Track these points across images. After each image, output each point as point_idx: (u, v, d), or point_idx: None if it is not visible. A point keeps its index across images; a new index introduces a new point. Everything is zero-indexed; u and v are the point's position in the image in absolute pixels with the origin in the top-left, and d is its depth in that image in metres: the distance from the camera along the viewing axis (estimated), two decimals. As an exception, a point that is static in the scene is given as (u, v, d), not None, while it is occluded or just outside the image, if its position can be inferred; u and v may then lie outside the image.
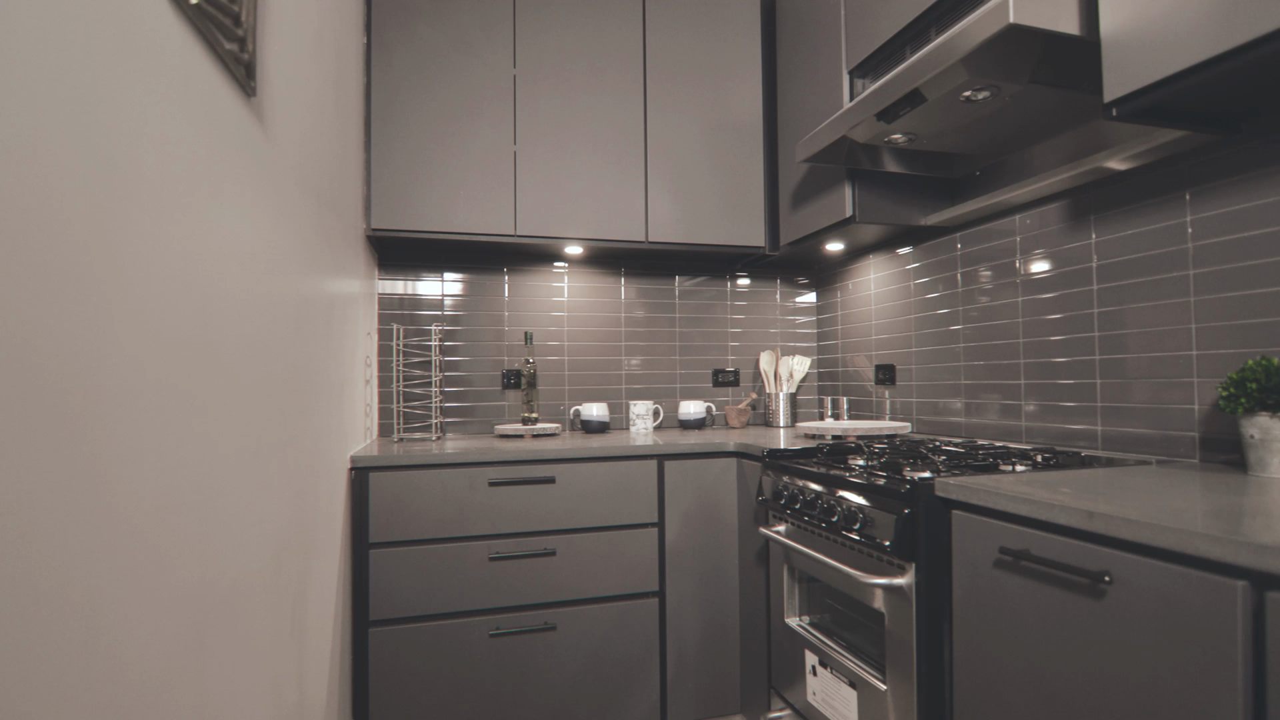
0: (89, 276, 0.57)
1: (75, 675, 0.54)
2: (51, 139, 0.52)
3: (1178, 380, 1.41)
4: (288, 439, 1.18)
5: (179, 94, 0.75)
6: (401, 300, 2.39)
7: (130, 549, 0.63)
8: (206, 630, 0.81)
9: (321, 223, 1.47)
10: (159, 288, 0.70)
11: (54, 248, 0.52)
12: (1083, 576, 0.91)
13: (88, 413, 0.56)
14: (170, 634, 0.71)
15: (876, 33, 1.87)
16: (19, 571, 0.47)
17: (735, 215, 2.41)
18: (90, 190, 0.57)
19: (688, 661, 2.00)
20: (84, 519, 0.56)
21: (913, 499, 1.23)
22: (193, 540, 0.77)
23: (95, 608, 0.57)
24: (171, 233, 0.73)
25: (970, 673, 1.13)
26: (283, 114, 1.17)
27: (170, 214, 0.73)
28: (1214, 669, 0.77)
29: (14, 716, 0.46)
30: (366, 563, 1.75)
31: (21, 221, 0.48)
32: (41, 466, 0.50)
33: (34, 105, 0.50)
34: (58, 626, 0.52)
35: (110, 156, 0.61)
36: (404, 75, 2.10)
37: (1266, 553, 0.71)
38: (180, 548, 0.74)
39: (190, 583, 0.76)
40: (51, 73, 0.52)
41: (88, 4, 0.57)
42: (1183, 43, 1.04)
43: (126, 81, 0.64)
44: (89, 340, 0.57)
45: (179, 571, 0.74)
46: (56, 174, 0.53)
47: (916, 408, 2.22)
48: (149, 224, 0.68)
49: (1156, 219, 1.45)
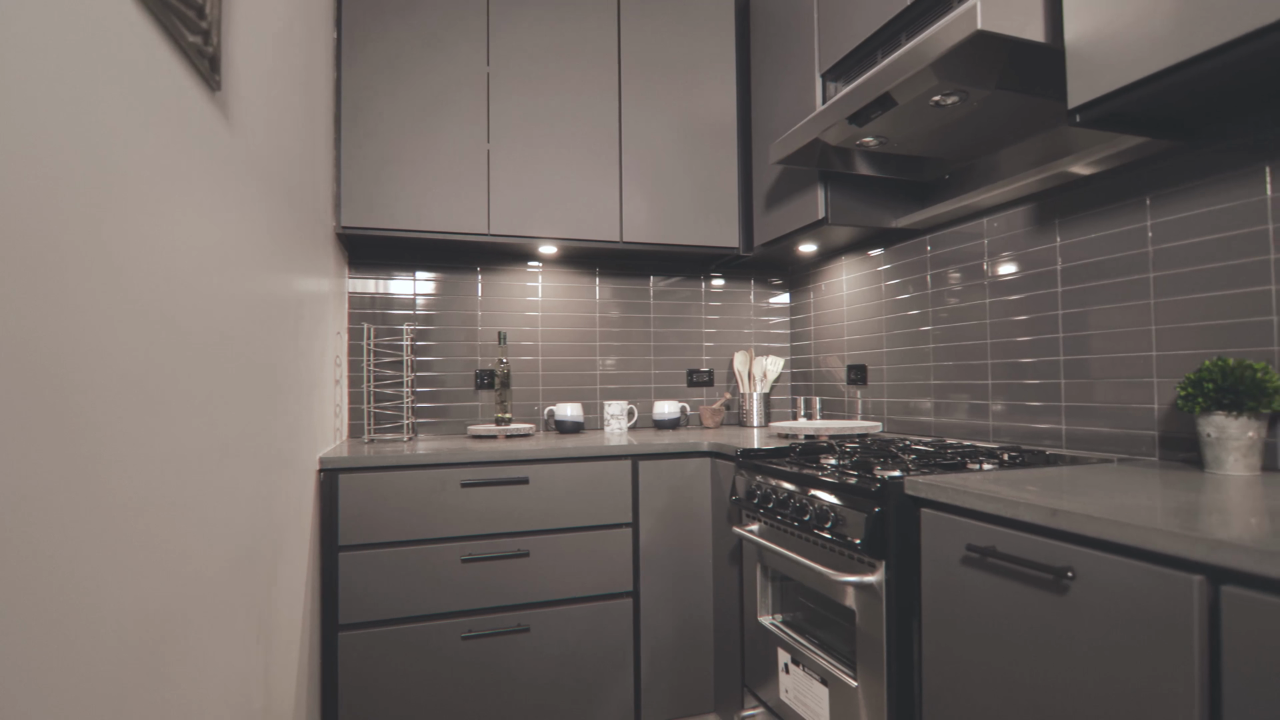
0: (39, 274, 0.55)
1: (26, 689, 0.52)
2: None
3: (1138, 380, 1.44)
4: (254, 440, 1.16)
5: (139, 88, 0.73)
6: (373, 299, 2.35)
7: (86, 553, 0.61)
8: (168, 635, 0.79)
9: (289, 220, 1.44)
10: (116, 285, 0.68)
11: (2, 244, 0.50)
12: (1046, 573, 0.93)
13: (41, 414, 0.55)
14: (128, 640, 0.69)
15: (849, 36, 1.89)
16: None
17: (710, 216, 2.42)
18: (43, 186, 0.56)
19: (662, 661, 2.01)
20: (42, 520, 0.54)
21: (883, 498, 1.24)
22: (153, 543, 0.75)
23: (50, 615, 0.55)
24: (132, 230, 0.71)
25: (939, 668, 1.15)
26: (249, 109, 1.14)
27: (130, 210, 0.71)
28: (1172, 661, 0.79)
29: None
30: (336, 565, 1.73)
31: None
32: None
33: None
34: (6, 636, 0.50)
35: (63, 151, 0.59)
36: (375, 71, 2.07)
37: (1222, 548, 0.73)
38: (140, 551, 0.72)
39: (150, 586, 0.75)
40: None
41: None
42: (1143, 51, 1.07)
43: (82, 74, 0.62)
44: (43, 340, 0.55)
45: (139, 575, 0.72)
46: (3, 168, 0.51)
47: (888, 407, 2.25)
48: (108, 220, 0.66)
49: (1118, 223, 1.48)
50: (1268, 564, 0.69)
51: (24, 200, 0.53)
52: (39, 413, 0.55)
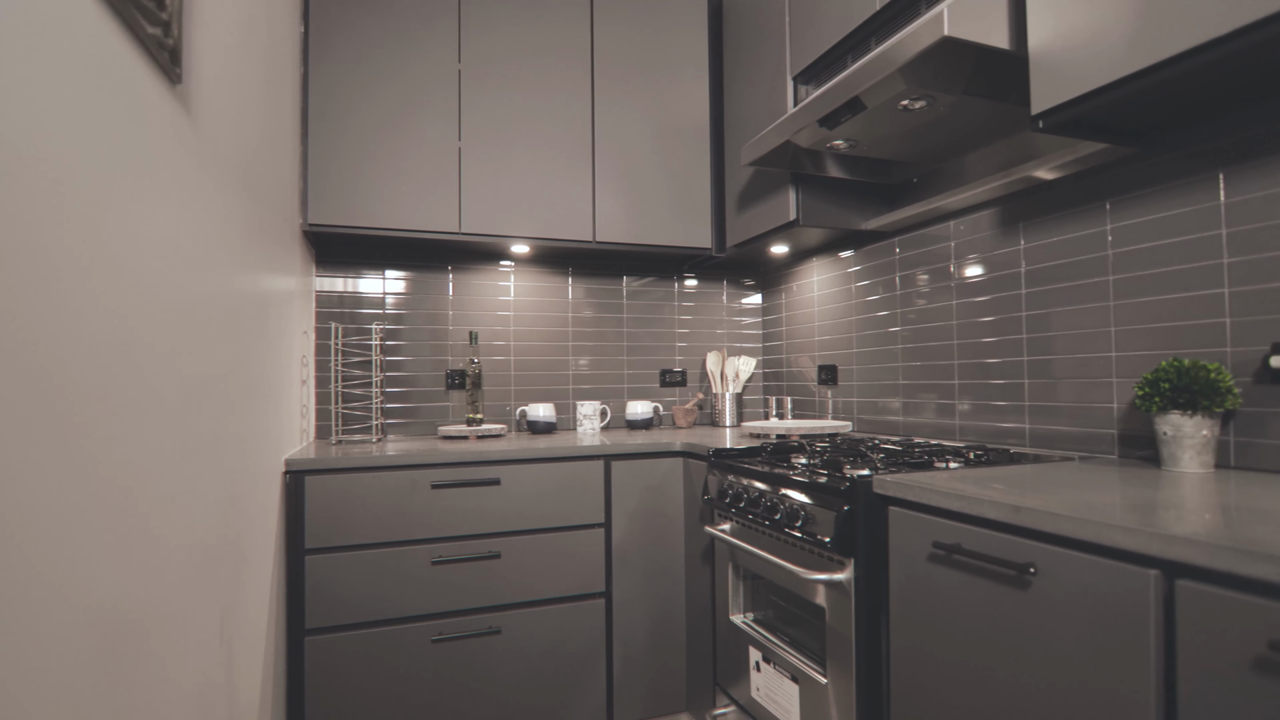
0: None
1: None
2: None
3: (1099, 380, 1.48)
4: (217, 442, 1.13)
5: (96, 80, 0.71)
6: (341, 298, 2.32)
7: (43, 556, 0.59)
8: (127, 641, 0.77)
9: (255, 217, 1.41)
10: (73, 283, 0.66)
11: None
12: (1010, 568, 0.95)
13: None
14: (87, 645, 0.67)
15: (820, 40, 1.91)
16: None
17: (683, 216, 2.42)
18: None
19: (634, 661, 2.01)
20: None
21: (852, 496, 1.26)
22: (113, 547, 0.73)
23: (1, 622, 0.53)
24: (88, 225, 0.69)
25: (906, 664, 1.17)
26: (212, 103, 1.12)
27: (86, 206, 0.69)
28: (1129, 653, 0.81)
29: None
30: (302, 569, 1.70)
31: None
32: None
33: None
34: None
35: (14, 145, 0.57)
36: (343, 66, 2.04)
37: (1176, 543, 0.75)
38: (99, 555, 0.70)
39: (110, 591, 0.72)
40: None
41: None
42: (1103, 59, 1.09)
43: (35, 65, 0.60)
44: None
45: (98, 580, 0.69)
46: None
47: (857, 407, 2.28)
48: (64, 216, 0.64)
49: (1079, 227, 1.52)
50: (1220, 559, 0.71)
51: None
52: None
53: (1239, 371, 1.22)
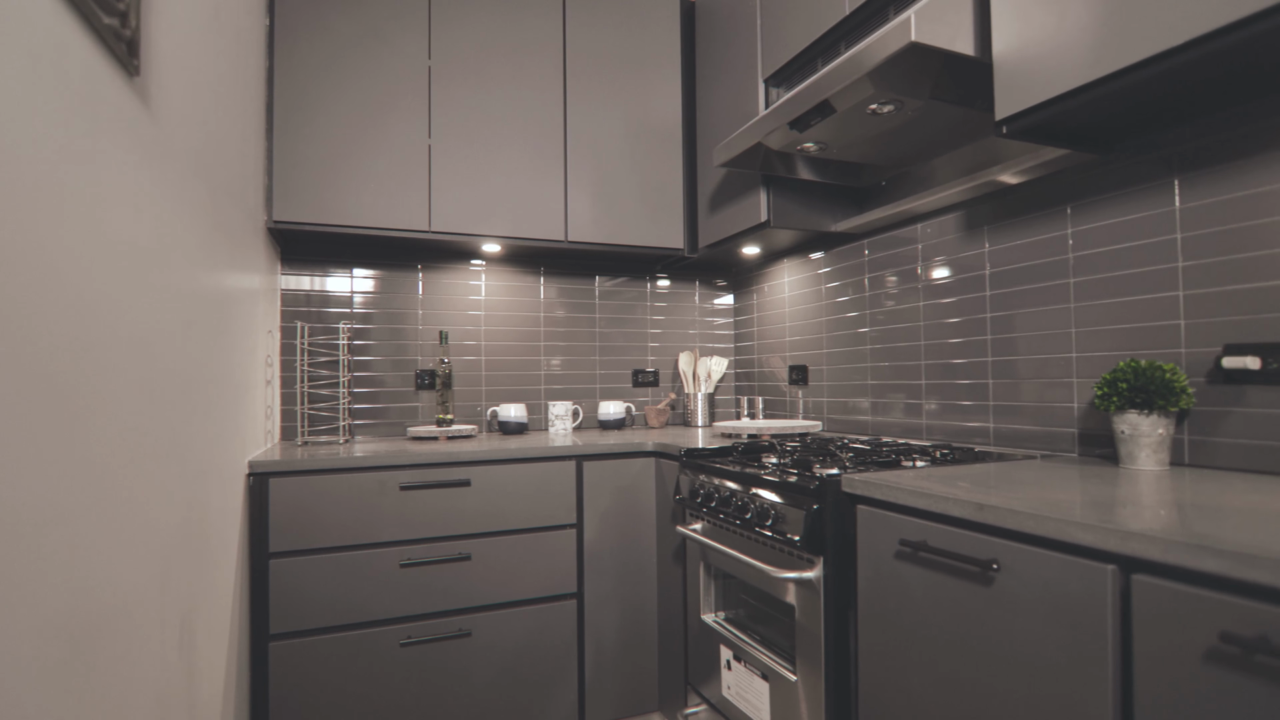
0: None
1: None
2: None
3: (1060, 380, 1.52)
4: (177, 444, 1.11)
5: (48, 71, 0.69)
6: (308, 297, 2.27)
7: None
8: (82, 650, 0.74)
9: (216, 213, 1.38)
10: (25, 282, 0.64)
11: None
12: (974, 565, 0.96)
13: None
14: (40, 654, 0.65)
15: (790, 43, 1.93)
16: None
17: (655, 217, 2.42)
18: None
19: (606, 662, 2.00)
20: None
21: (821, 495, 1.27)
22: (67, 553, 0.71)
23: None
24: (39, 222, 0.67)
25: (874, 660, 1.18)
26: (171, 96, 1.09)
27: (37, 202, 0.66)
28: (1088, 646, 0.83)
29: None
30: (266, 573, 1.66)
31: None
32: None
33: None
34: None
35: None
36: (309, 60, 2.00)
37: (1132, 539, 0.77)
38: (53, 561, 0.68)
39: (65, 598, 0.70)
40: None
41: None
42: (1064, 68, 1.12)
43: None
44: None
45: (53, 587, 0.67)
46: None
47: (827, 407, 2.30)
48: (12, 213, 0.62)
49: (1042, 230, 1.56)
50: (1174, 554, 0.73)
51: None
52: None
53: (1193, 372, 1.26)
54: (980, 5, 1.29)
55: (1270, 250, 1.15)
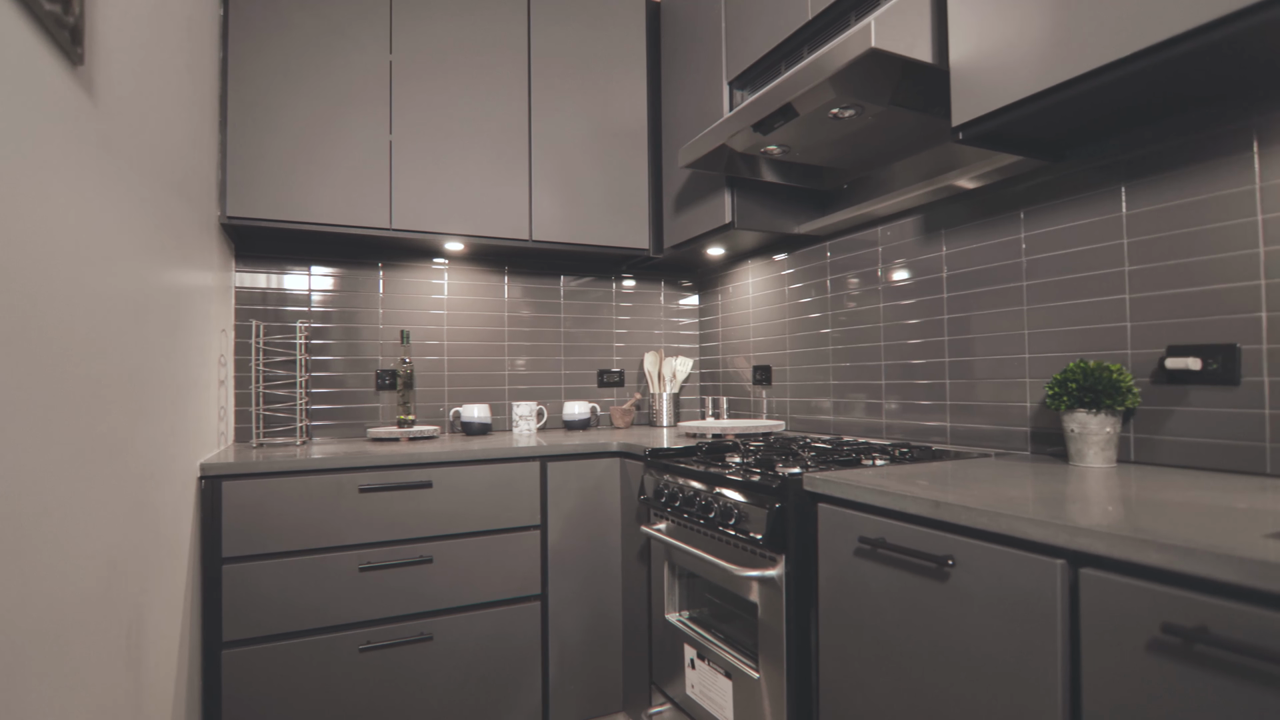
0: None
1: None
2: None
3: (1013, 380, 1.56)
4: (122, 445, 1.07)
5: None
6: (264, 295, 2.22)
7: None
8: (19, 663, 0.71)
9: (165, 207, 1.34)
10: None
11: None
12: (930, 561, 0.98)
13: None
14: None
15: (754, 46, 1.94)
16: None
17: (620, 217, 2.42)
18: None
19: (570, 663, 1.99)
20: None
21: (783, 494, 1.28)
22: (2, 560, 0.68)
23: None
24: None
25: (834, 656, 1.20)
26: (118, 86, 1.05)
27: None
28: (1038, 638, 0.85)
29: None
30: (219, 579, 1.61)
31: None
32: None
33: None
34: None
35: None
36: (265, 52, 1.95)
37: (1080, 534, 0.79)
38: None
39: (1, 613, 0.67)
40: None
41: None
42: (1019, 76, 1.15)
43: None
44: None
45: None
46: None
47: (790, 406, 2.33)
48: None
49: (997, 234, 1.60)
50: (1119, 548, 0.75)
51: None
52: None
53: (1138, 372, 1.31)
54: (938, 14, 1.32)
55: (1210, 255, 1.20)
